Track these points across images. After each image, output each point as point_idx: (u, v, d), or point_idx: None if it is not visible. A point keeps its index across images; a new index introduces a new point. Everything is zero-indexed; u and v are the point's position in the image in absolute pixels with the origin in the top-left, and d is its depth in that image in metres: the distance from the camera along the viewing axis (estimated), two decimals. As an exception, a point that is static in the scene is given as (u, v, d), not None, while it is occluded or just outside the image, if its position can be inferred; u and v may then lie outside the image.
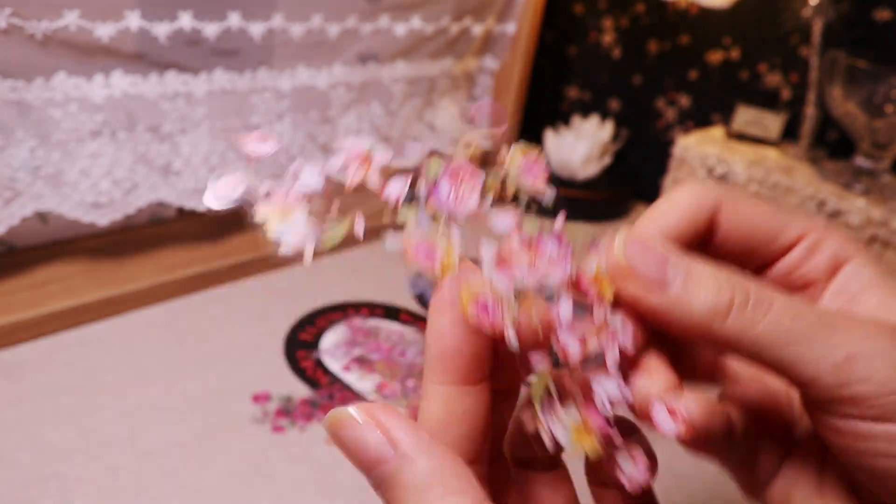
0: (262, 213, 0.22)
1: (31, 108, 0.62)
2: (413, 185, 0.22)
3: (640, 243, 0.22)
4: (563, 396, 0.22)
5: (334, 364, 0.66)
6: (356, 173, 0.22)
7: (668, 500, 0.57)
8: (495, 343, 0.22)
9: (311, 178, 0.22)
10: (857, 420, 0.20)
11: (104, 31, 0.63)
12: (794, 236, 0.25)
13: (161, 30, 0.66)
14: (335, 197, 0.22)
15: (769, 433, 0.26)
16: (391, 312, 0.76)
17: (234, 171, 0.22)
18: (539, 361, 0.22)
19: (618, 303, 0.22)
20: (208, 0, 0.69)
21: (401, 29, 0.87)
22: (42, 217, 0.72)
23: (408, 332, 0.73)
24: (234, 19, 0.71)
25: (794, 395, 0.27)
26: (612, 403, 0.22)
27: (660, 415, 0.22)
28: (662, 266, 0.22)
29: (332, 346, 0.69)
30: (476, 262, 0.22)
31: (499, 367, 0.23)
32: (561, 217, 0.22)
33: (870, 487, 0.23)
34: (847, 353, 0.20)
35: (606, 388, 0.22)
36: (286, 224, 0.22)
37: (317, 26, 0.79)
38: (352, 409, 0.20)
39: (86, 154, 0.66)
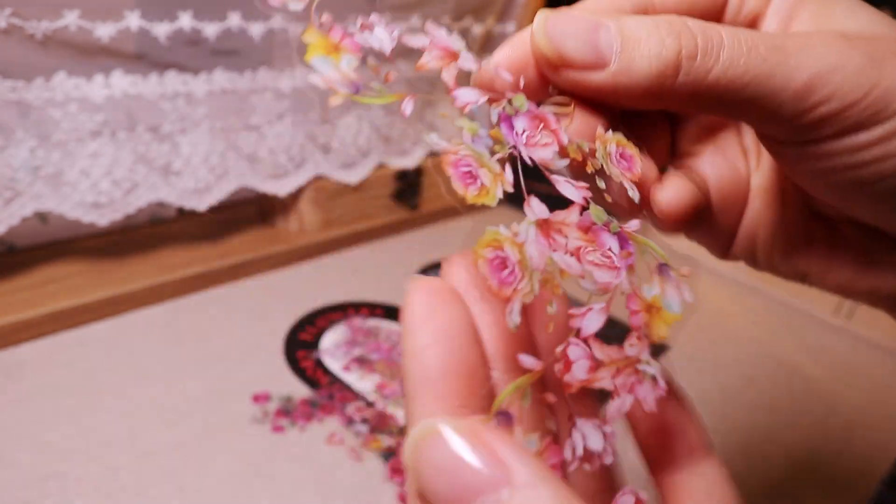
0: (311, 35, 0.19)
1: (31, 108, 0.62)
2: (490, 102, 0.19)
3: (561, 17, 0.20)
4: (532, 420, 0.18)
5: (334, 364, 0.66)
6: (434, 61, 0.19)
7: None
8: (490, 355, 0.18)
9: (381, 35, 0.19)
10: (823, 142, 0.20)
11: (104, 31, 0.63)
12: None
13: (161, 30, 0.66)
14: (392, 68, 0.19)
15: (724, 197, 0.26)
16: (391, 312, 0.76)
17: None
18: (528, 362, 0.17)
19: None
20: (208, 0, 0.69)
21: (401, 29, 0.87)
22: (42, 217, 0.72)
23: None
24: (234, 19, 0.71)
25: (748, 144, 0.27)
26: (585, 457, 0.17)
27: (660, 193, 0.20)
28: (593, 37, 0.19)
29: (332, 346, 0.69)
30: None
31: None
32: (637, 222, 0.19)
33: (839, 205, 0.23)
34: (807, 78, 0.19)
35: (588, 437, 0.18)
36: (329, 59, 0.18)
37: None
38: (445, 427, 0.15)
39: (86, 154, 0.66)
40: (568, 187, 0.18)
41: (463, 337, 0.17)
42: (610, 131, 0.20)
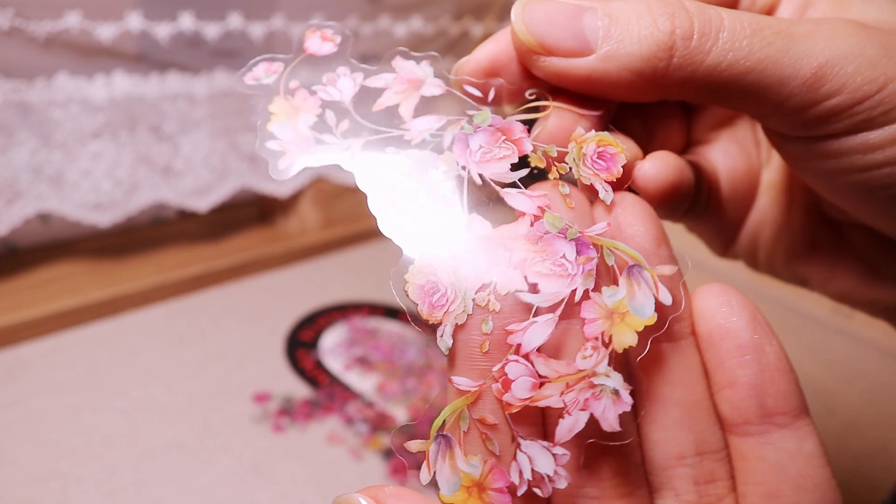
0: (276, 105, 0.19)
1: (32, 108, 0.62)
2: (447, 126, 0.19)
3: (541, 3, 0.18)
4: (469, 441, 0.17)
5: (334, 364, 0.67)
6: (394, 97, 0.19)
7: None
8: None
9: (343, 86, 0.19)
10: (831, 139, 0.18)
11: (105, 32, 0.63)
12: None
13: (162, 30, 0.67)
14: (351, 113, 0.20)
15: (734, 189, 0.25)
16: (391, 312, 0.76)
17: (277, 60, 0.20)
18: (463, 384, 0.17)
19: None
20: (209, 1, 0.69)
21: (401, 29, 0.88)
22: (43, 218, 0.73)
23: (408, 332, 0.73)
24: (234, 20, 0.72)
25: (761, 136, 0.25)
26: (534, 481, 0.16)
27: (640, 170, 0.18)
28: (576, 22, 0.17)
29: (333, 346, 0.69)
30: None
31: None
32: (603, 224, 0.18)
33: (847, 208, 0.21)
34: (817, 65, 0.17)
35: (536, 459, 0.16)
36: (287, 123, 0.19)
37: (317, 27, 0.79)
38: (360, 498, 0.16)
39: (87, 154, 0.66)
40: (520, 199, 0.18)
41: None
42: (592, 131, 0.19)
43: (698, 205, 0.24)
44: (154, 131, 0.70)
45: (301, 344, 0.69)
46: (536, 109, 0.20)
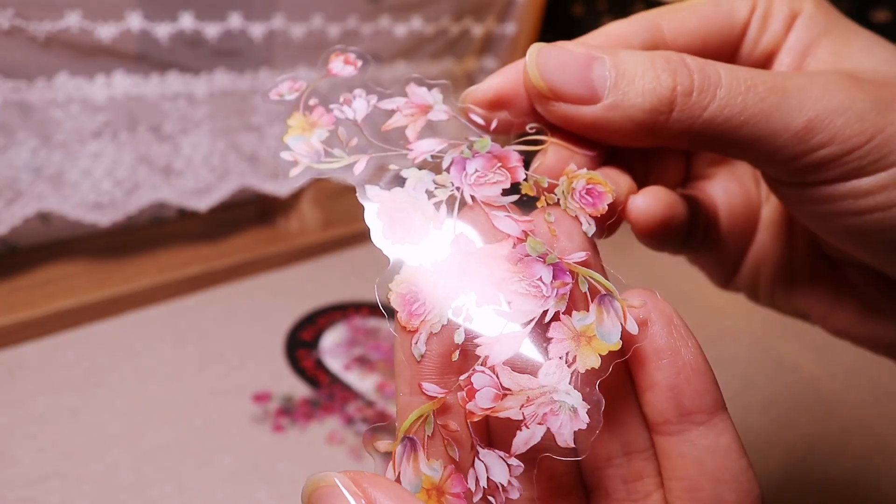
0: (294, 119, 0.21)
1: (32, 108, 0.62)
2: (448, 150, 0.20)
3: (554, 50, 0.19)
4: (432, 445, 0.17)
5: (335, 363, 0.67)
6: (402, 119, 0.21)
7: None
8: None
9: (357, 107, 0.21)
10: (823, 185, 0.19)
11: (106, 32, 0.63)
12: (746, 12, 0.22)
13: (162, 30, 0.67)
14: (363, 132, 0.21)
15: (734, 224, 0.26)
16: (391, 312, 0.76)
17: (299, 77, 0.21)
18: (431, 390, 0.17)
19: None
20: (209, 1, 0.69)
21: (401, 30, 0.88)
22: (44, 217, 0.72)
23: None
24: (234, 20, 0.72)
25: (759, 176, 0.26)
26: (489, 489, 0.17)
27: (633, 203, 0.19)
28: (586, 71, 0.19)
29: (333, 346, 0.69)
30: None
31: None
32: (583, 254, 0.18)
33: (843, 249, 0.22)
34: (807, 119, 0.18)
35: (492, 468, 0.17)
36: (302, 136, 0.21)
37: (317, 27, 0.79)
38: (336, 477, 0.16)
39: (87, 154, 0.66)
40: (506, 222, 0.19)
41: None
42: (584, 169, 0.20)
43: (695, 238, 0.25)
44: (154, 131, 0.70)
45: (301, 344, 0.69)
46: (535, 142, 0.21)
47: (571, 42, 0.21)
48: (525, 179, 0.20)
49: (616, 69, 0.18)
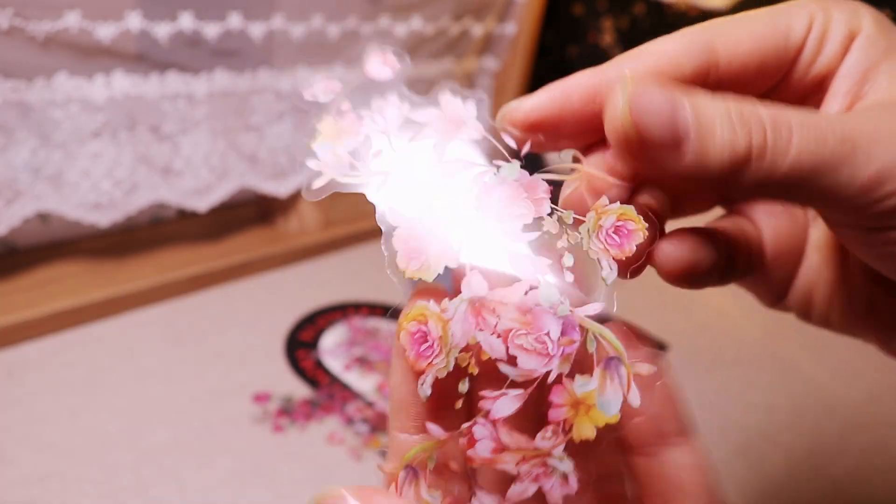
0: (324, 124, 0.20)
1: (32, 108, 0.62)
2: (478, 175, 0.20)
3: (645, 90, 0.18)
4: (433, 477, 0.18)
5: (334, 364, 0.67)
6: (432, 135, 0.20)
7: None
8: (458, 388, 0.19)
9: (390, 116, 0.20)
10: (890, 230, 0.19)
11: (105, 32, 0.63)
12: (803, 32, 0.21)
13: (162, 30, 0.67)
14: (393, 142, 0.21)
15: (780, 248, 0.25)
16: (391, 312, 0.76)
17: (336, 79, 0.21)
18: (435, 431, 0.18)
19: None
20: (209, 1, 0.69)
21: (401, 29, 0.88)
22: (43, 217, 0.72)
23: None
24: (234, 20, 0.72)
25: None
26: None
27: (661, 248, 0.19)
28: (673, 118, 0.18)
29: (333, 346, 0.69)
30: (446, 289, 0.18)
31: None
32: (598, 305, 0.18)
33: None
34: (875, 171, 0.18)
35: None
36: (328, 144, 0.20)
37: (317, 27, 0.79)
38: (346, 492, 0.17)
39: (87, 154, 0.66)
40: (523, 263, 0.18)
41: None
42: (617, 203, 0.19)
43: (738, 269, 0.24)
44: (154, 131, 0.70)
45: (301, 344, 0.69)
46: (567, 169, 0.21)
47: (641, 72, 0.20)
48: (550, 214, 0.19)
49: (696, 117, 0.18)
